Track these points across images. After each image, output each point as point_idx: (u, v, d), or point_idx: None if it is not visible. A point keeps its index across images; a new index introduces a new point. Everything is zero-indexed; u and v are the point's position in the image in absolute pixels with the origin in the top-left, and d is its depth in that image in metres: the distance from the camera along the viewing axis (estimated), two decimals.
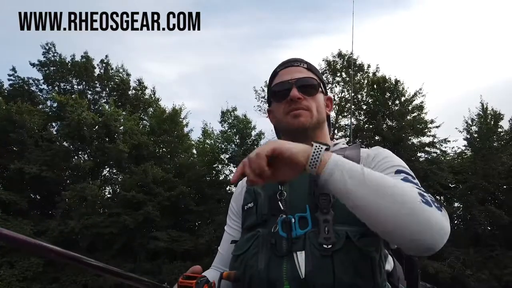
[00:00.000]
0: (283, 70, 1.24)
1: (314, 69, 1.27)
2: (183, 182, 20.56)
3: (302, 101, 1.17)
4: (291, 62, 1.25)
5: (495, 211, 18.34)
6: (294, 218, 1.01)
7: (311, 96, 1.19)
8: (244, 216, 1.16)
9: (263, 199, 1.10)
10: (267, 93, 1.30)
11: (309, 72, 1.23)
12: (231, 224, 1.26)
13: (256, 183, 0.87)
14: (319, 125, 1.20)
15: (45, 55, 22.58)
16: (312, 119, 1.17)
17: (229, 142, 22.28)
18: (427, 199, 0.85)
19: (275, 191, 1.08)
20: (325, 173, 0.86)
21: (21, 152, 20.04)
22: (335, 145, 1.21)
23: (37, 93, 23.06)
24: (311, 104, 1.18)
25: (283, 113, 1.19)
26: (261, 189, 1.12)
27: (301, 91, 1.17)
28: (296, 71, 1.22)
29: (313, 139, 1.16)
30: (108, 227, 18.46)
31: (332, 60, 22.44)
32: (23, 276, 17.37)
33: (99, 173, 22.28)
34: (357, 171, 0.85)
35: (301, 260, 0.95)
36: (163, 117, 22.53)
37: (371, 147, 1.16)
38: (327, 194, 1.00)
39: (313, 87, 1.20)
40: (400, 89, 20.87)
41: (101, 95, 24.22)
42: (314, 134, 1.19)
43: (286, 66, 1.25)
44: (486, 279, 17.07)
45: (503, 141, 20.85)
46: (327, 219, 0.97)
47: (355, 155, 1.10)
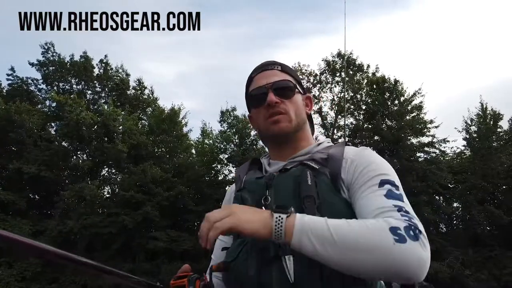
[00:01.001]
0: (258, 75, 1.23)
1: (289, 70, 1.26)
2: (182, 182, 20.53)
3: (280, 104, 1.16)
4: (265, 66, 1.24)
5: (494, 211, 18.35)
6: None
7: (288, 98, 1.18)
8: None
9: (250, 204, 1.09)
10: (245, 99, 1.29)
11: (284, 74, 1.22)
12: None
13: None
14: (299, 127, 1.19)
15: (44, 55, 22.60)
16: (291, 123, 1.16)
17: (228, 142, 22.27)
18: (401, 233, 0.84)
19: (261, 196, 1.08)
20: (294, 243, 0.86)
21: (20, 152, 20.02)
22: (319, 144, 1.20)
23: (36, 93, 23.06)
24: (289, 107, 1.17)
25: (263, 119, 1.19)
26: (248, 194, 1.12)
27: (277, 95, 1.16)
28: (271, 74, 1.21)
29: (294, 140, 1.19)
30: (107, 227, 18.44)
31: (332, 60, 22.46)
32: (22, 276, 17.34)
33: (98, 173, 22.26)
34: (325, 234, 0.85)
35: (290, 264, 0.94)
36: (162, 117, 22.51)
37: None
38: (312, 196, 1.00)
39: (289, 89, 1.19)
40: (399, 89, 20.87)
41: (100, 95, 24.20)
42: (296, 136, 1.19)
43: (261, 70, 1.24)
44: (485, 279, 17.08)
45: (503, 141, 20.87)
46: None
47: (338, 153, 1.09)
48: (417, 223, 0.88)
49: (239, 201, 1.13)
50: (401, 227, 0.85)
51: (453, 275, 16.91)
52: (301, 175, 1.05)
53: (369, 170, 1.03)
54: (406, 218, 0.88)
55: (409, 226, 0.86)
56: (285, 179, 1.08)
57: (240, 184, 1.19)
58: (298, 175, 1.05)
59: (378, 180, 1.00)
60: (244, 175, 1.22)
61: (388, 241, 0.82)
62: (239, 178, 1.22)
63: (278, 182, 1.08)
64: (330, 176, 1.05)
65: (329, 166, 1.07)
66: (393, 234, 0.83)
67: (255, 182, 1.14)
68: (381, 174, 1.02)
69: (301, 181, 1.03)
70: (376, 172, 1.02)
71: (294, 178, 1.05)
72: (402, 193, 0.98)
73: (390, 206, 0.92)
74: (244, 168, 1.26)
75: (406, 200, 0.97)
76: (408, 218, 0.88)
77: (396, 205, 0.92)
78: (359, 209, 0.98)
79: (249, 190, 1.13)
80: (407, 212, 0.91)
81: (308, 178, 1.03)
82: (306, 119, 1.24)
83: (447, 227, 21.80)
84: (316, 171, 1.05)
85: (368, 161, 1.06)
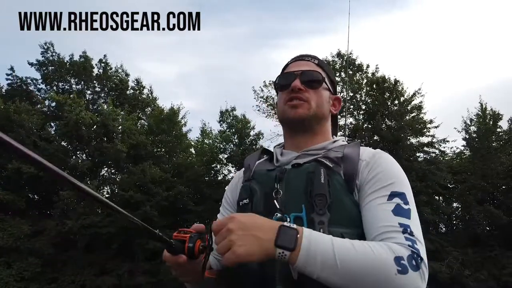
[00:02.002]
0: (293, 63, 1.26)
1: (326, 67, 1.27)
2: (182, 182, 20.52)
3: (303, 92, 1.16)
4: (302, 56, 1.27)
5: (493, 211, 18.34)
6: (289, 218, 1.00)
7: (313, 89, 1.18)
8: (239, 212, 1.14)
9: (258, 196, 1.09)
10: (274, 84, 1.32)
11: (317, 67, 1.23)
12: (224, 213, 1.25)
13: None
14: (317, 119, 1.18)
15: (44, 54, 22.58)
16: (309, 111, 1.16)
17: (228, 142, 22.25)
18: (404, 263, 0.85)
19: (271, 189, 1.06)
20: (299, 265, 0.85)
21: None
22: (334, 141, 1.20)
23: (35, 93, 23.04)
24: (311, 97, 1.17)
25: (283, 102, 1.20)
26: (257, 185, 1.11)
27: (304, 83, 1.17)
28: (305, 64, 1.23)
29: (311, 132, 1.18)
30: (106, 227, 18.40)
31: (332, 60, 22.44)
32: (21, 276, 17.30)
33: (97, 173, 22.24)
34: (330, 259, 0.84)
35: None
36: (162, 117, 22.49)
37: (373, 148, 1.14)
38: (323, 195, 0.99)
39: (316, 81, 1.19)
40: (399, 89, 20.87)
41: (99, 95, 24.19)
42: (312, 127, 1.18)
43: (297, 59, 1.26)
44: (485, 279, 17.08)
45: (502, 141, 20.87)
46: (322, 220, 0.96)
47: (354, 154, 1.08)
48: (419, 248, 0.89)
49: (248, 191, 1.12)
50: (405, 256, 0.86)
51: (452, 275, 16.91)
52: (315, 172, 1.04)
53: (381, 178, 1.02)
54: (409, 244, 0.89)
55: (412, 255, 0.86)
56: (297, 175, 1.07)
57: (249, 173, 1.18)
58: (312, 172, 1.04)
59: (388, 192, 0.99)
60: (254, 165, 1.21)
61: (391, 271, 0.84)
62: (249, 167, 1.20)
63: (290, 176, 1.08)
64: (344, 176, 1.04)
65: (343, 166, 1.06)
66: (397, 264, 0.84)
67: (265, 174, 1.13)
68: (392, 184, 1.01)
69: (313, 178, 1.02)
70: (387, 182, 1.01)
71: (307, 174, 1.05)
72: (411, 207, 0.97)
73: (395, 225, 0.93)
74: (254, 157, 1.25)
75: (413, 215, 0.96)
76: (411, 243, 0.89)
77: (402, 224, 0.93)
78: (365, 218, 0.98)
79: (259, 181, 1.12)
80: (411, 233, 0.91)
81: (321, 176, 1.02)
82: (327, 115, 1.23)
83: (446, 227, 21.81)
84: (331, 169, 1.04)
85: (382, 167, 1.05)
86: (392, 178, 1.02)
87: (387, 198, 0.98)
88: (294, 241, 0.85)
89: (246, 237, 0.85)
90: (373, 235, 0.94)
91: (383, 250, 0.86)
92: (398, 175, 1.04)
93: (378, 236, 0.93)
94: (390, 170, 1.04)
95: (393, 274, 0.83)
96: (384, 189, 0.99)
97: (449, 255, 17.42)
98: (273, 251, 0.85)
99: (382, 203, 0.97)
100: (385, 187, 1.00)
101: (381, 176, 1.02)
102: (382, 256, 0.85)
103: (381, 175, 1.02)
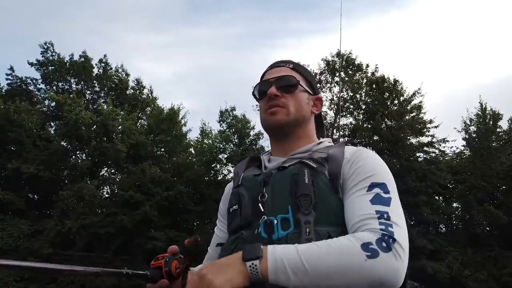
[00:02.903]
0: (269, 71, 1.29)
1: (302, 69, 1.29)
2: (181, 182, 20.51)
3: (280, 98, 1.19)
4: (277, 63, 1.29)
5: (493, 211, 18.32)
6: (277, 220, 1.01)
7: (289, 93, 1.20)
8: (229, 219, 1.17)
9: (246, 201, 1.11)
10: (252, 94, 1.34)
11: (292, 71, 1.25)
12: (219, 225, 1.29)
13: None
14: (298, 123, 1.21)
15: (44, 54, 22.60)
16: (288, 117, 1.18)
17: (228, 142, 22.24)
18: (373, 247, 0.85)
19: (258, 193, 1.09)
20: (271, 281, 0.86)
21: (19, 152, 19.99)
22: (320, 143, 1.21)
23: (35, 93, 23.05)
24: (289, 101, 1.19)
25: (263, 111, 1.23)
26: (245, 191, 1.13)
27: (279, 89, 1.20)
28: (280, 71, 1.25)
29: (294, 136, 1.21)
30: (106, 227, 18.39)
31: (331, 60, 22.43)
32: (20, 276, 17.30)
33: (97, 172, 22.24)
34: (297, 264, 0.85)
35: None
36: (161, 117, 22.49)
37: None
38: (308, 195, 1.00)
39: (291, 85, 1.22)
40: (399, 89, 20.86)
41: (99, 94, 24.21)
42: (294, 131, 1.21)
43: (272, 67, 1.29)
44: (485, 279, 17.07)
45: (502, 141, 20.85)
46: (309, 220, 0.98)
47: (339, 153, 1.10)
48: (394, 231, 0.89)
49: (236, 197, 1.14)
50: (373, 241, 0.86)
51: (452, 275, 16.90)
52: (299, 173, 1.05)
53: (361, 172, 1.04)
54: (382, 227, 0.89)
55: (382, 238, 0.87)
56: (282, 177, 1.09)
57: (238, 180, 1.20)
58: (296, 173, 1.06)
59: (368, 183, 1.00)
60: (242, 172, 1.23)
61: (359, 259, 0.85)
62: (237, 174, 1.24)
63: (275, 179, 1.09)
64: (329, 176, 1.05)
65: (328, 166, 1.07)
66: (365, 250, 0.85)
67: (252, 179, 1.16)
68: (372, 175, 1.02)
69: (298, 180, 1.04)
70: (367, 174, 1.02)
71: (292, 176, 1.06)
72: (392, 196, 0.98)
73: (372, 213, 0.94)
74: (243, 165, 1.28)
75: (394, 204, 0.97)
76: (385, 227, 0.89)
77: (379, 210, 0.93)
78: (345, 212, 0.99)
79: (246, 187, 1.14)
80: (388, 218, 0.92)
81: (305, 176, 1.04)
82: (308, 117, 1.25)
83: (446, 227, 21.79)
84: (315, 170, 1.06)
85: (362, 162, 1.06)
86: (372, 171, 1.03)
87: (367, 189, 0.99)
88: (259, 250, 0.88)
89: (219, 271, 0.88)
90: (351, 225, 0.95)
91: (348, 241, 0.88)
92: (379, 167, 1.05)
93: (354, 225, 0.94)
94: (370, 164, 1.06)
95: (363, 261, 0.83)
96: (364, 181, 1.01)
97: (449, 255, 17.40)
98: (245, 267, 0.87)
99: (361, 194, 0.99)
100: (365, 179, 1.01)
101: (360, 170, 1.04)
102: (347, 247, 0.86)
103: (361, 169, 1.04)
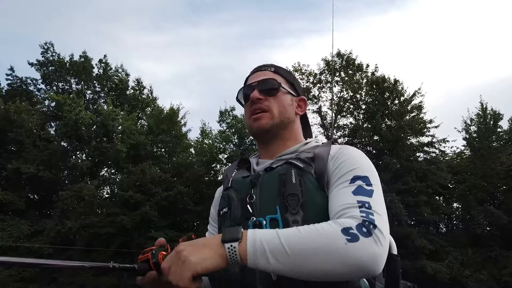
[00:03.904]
0: (251, 76, 1.29)
1: (284, 72, 1.29)
2: (181, 182, 20.51)
3: (263, 101, 1.20)
4: (260, 67, 1.30)
5: (494, 211, 18.31)
6: (266, 221, 1.02)
7: (272, 96, 1.21)
8: (220, 222, 1.18)
9: (236, 203, 1.12)
10: (236, 99, 1.35)
11: (274, 74, 1.26)
12: (210, 230, 1.29)
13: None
14: (283, 125, 1.21)
15: (44, 54, 22.61)
16: (273, 120, 1.19)
17: (228, 142, 22.25)
18: (353, 232, 0.85)
19: (247, 194, 1.10)
20: (250, 264, 0.86)
21: (19, 152, 19.99)
22: (307, 143, 1.22)
23: (35, 93, 23.07)
24: (272, 104, 1.20)
25: (248, 117, 1.24)
26: (234, 193, 1.14)
27: (262, 92, 1.21)
28: (262, 74, 1.25)
29: (280, 138, 1.21)
30: (106, 227, 18.41)
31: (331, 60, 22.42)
32: (21, 276, 17.32)
33: (97, 173, 22.24)
34: (277, 247, 0.85)
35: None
36: (161, 117, 22.49)
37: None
38: (296, 194, 1.01)
39: (273, 88, 1.22)
40: (399, 89, 20.87)
41: (99, 94, 24.21)
42: (279, 134, 1.21)
43: (255, 71, 1.29)
44: (485, 280, 17.06)
45: (502, 141, 20.84)
46: (297, 219, 0.99)
47: (324, 152, 1.11)
48: (374, 218, 0.89)
49: (226, 200, 1.15)
50: (353, 226, 0.86)
51: (452, 275, 16.89)
52: (286, 173, 1.07)
53: (344, 166, 1.04)
54: (363, 215, 0.89)
55: (363, 223, 0.87)
56: (270, 178, 1.10)
57: (227, 183, 1.20)
58: (283, 174, 1.07)
59: (351, 176, 1.01)
60: (232, 175, 1.24)
61: (340, 242, 0.84)
62: (227, 177, 1.24)
63: (263, 180, 1.10)
64: (315, 174, 1.06)
65: (315, 165, 1.08)
66: (345, 234, 0.85)
67: (241, 181, 1.16)
68: (355, 169, 1.02)
69: (285, 180, 1.05)
70: (350, 168, 1.03)
71: (279, 176, 1.07)
72: (374, 188, 0.98)
73: (353, 202, 0.93)
74: (232, 168, 1.29)
75: (376, 195, 0.97)
76: (365, 215, 0.89)
77: (361, 200, 0.93)
78: (329, 204, 1.00)
79: (235, 189, 1.15)
80: (369, 207, 0.91)
81: (292, 176, 1.05)
82: (293, 119, 1.25)
83: (446, 227, 21.78)
84: (302, 170, 1.07)
85: (345, 157, 1.07)
86: (354, 165, 1.03)
87: (349, 181, 0.99)
88: (239, 232, 0.87)
89: (196, 249, 0.87)
90: (333, 214, 0.95)
91: (329, 226, 0.87)
92: (361, 162, 1.06)
93: (336, 214, 0.94)
94: (353, 159, 1.06)
95: (343, 244, 0.83)
96: (347, 175, 1.01)
97: (449, 255, 17.39)
98: (223, 249, 0.86)
99: (344, 187, 0.99)
100: (348, 173, 1.02)
101: (344, 165, 1.04)
102: (328, 231, 0.86)
103: (344, 163, 1.04)
